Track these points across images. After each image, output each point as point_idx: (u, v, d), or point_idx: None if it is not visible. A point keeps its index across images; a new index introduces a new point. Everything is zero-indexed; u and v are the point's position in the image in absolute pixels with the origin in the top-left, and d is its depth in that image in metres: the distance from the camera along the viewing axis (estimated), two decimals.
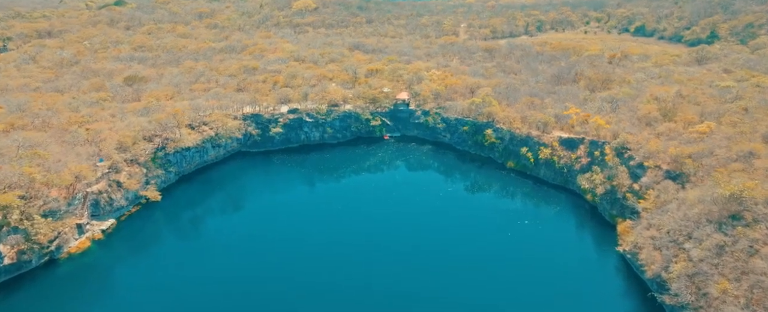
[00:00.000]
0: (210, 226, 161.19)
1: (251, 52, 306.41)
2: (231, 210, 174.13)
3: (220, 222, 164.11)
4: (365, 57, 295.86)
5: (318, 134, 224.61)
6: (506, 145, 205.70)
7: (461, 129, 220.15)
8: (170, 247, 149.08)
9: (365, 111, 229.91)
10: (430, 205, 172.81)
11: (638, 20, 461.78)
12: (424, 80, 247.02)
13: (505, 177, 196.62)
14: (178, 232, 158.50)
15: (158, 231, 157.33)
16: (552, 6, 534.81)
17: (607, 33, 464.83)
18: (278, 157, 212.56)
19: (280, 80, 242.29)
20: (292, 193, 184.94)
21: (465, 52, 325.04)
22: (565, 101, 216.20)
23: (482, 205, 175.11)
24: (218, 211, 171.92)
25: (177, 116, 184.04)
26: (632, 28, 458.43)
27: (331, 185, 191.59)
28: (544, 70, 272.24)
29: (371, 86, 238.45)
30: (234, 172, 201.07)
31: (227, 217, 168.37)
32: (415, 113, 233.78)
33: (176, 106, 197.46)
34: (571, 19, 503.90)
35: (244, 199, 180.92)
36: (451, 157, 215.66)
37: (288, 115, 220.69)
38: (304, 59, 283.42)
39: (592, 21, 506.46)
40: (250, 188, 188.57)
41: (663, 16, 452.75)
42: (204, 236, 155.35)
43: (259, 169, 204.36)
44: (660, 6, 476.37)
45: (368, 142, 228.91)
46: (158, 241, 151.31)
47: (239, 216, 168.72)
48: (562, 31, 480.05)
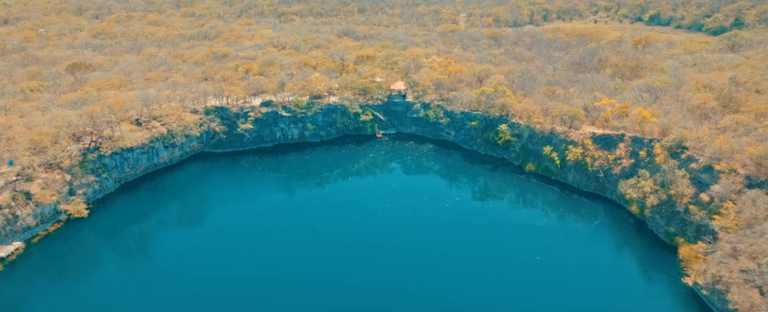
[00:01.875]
0: (160, 246, 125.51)
1: (226, 38, 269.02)
2: (187, 225, 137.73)
3: (174, 240, 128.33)
4: (355, 43, 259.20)
5: (296, 131, 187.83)
6: (524, 143, 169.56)
7: (468, 124, 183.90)
8: (102, 275, 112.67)
9: (354, 104, 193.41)
10: (432, 220, 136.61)
11: (652, 8, 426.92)
12: (423, 68, 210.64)
13: (523, 183, 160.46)
14: (115, 255, 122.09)
15: (86, 255, 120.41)
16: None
17: (618, 22, 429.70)
18: (248, 159, 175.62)
19: (254, 68, 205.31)
20: (264, 203, 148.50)
21: (468, 39, 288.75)
22: (593, 91, 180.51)
23: (498, 219, 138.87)
24: (171, 227, 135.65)
25: (115, 109, 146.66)
26: (646, 17, 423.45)
27: (311, 193, 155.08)
28: (561, 57, 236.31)
29: (361, 74, 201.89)
30: (193, 178, 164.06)
31: (182, 234, 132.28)
32: (413, 106, 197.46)
33: (119, 97, 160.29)
34: (578, 8, 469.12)
35: (204, 212, 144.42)
36: (457, 159, 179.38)
37: (260, 109, 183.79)
38: (284, 45, 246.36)
39: (600, 10, 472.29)
40: (212, 197, 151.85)
41: (679, 4, 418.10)
42: (152, 259, 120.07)
43: (225, 174, 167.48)
44: None
45: (357, 141, 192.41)
46: (85, 269, 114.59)
47: (198, 233, 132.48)
48: (569, 21, 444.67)
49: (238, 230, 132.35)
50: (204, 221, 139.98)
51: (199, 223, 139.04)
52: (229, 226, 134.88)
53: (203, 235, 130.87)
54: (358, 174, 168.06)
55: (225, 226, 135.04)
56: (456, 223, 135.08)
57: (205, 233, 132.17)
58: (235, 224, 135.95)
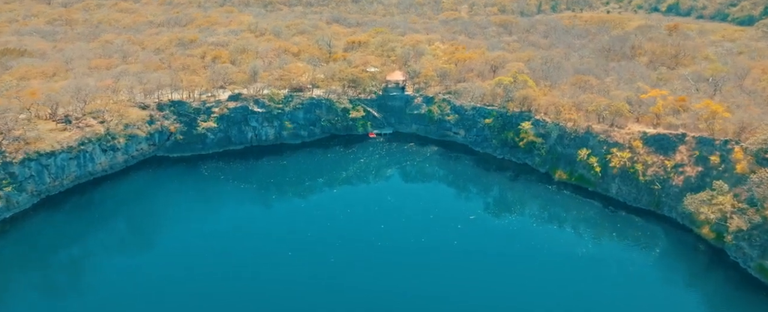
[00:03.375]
0: (93, 278, 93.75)
1: (199, 25, 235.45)
2: (130, 250, 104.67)
3: (112, 270, 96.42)
4: (346, 30, 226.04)
5: (272, 131, 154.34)
6: (552, 145, 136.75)
7: (481, 122, 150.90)
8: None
9: (342, 98, 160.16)
10: (440, 248, 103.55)
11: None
12: (425, 55, 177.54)
13: (554, 196, 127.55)
14: (31, 291, 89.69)
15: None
16: None
17: (632, 13, 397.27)
18: (211, 165, 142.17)
19: (223, 55, 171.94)
20: (227, 222, 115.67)
21: (474, 27, 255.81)
22: (631, 81, 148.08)
23: (527, 245, 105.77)
24: (110, 252, 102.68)
25: (27, 101, 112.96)
26: (663, 7, 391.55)
27: (287, 210, 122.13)
28: (585, 44, 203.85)
29: (351, 63, 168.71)
30: (140, 190, 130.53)
31: (123, 261, 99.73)
32: (413, 100, 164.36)
33: (45, 88, 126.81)
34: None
35: (152, 233, 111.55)
36: (468, 164, 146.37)
37: (227, 104, 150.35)
38: (263, 32, 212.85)
39: (612, 1, 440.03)
40: (163, 215, 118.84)
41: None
42: (82, 294, 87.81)
43: (181, 185, 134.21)
44: None
45: (346, 142, 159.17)
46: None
47: (143, 260, 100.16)
48: (580, 12, 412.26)
49: (195, 257, 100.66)
50: (152, 245, 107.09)
51: (146, 248, 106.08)
52: (182, 252, 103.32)
53: (150, 263, 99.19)
54: (345, 184, 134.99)
55: (177, 252, 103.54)
56: (472, 254, 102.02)
57: (153, 260, 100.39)
58: (190, 249, 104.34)
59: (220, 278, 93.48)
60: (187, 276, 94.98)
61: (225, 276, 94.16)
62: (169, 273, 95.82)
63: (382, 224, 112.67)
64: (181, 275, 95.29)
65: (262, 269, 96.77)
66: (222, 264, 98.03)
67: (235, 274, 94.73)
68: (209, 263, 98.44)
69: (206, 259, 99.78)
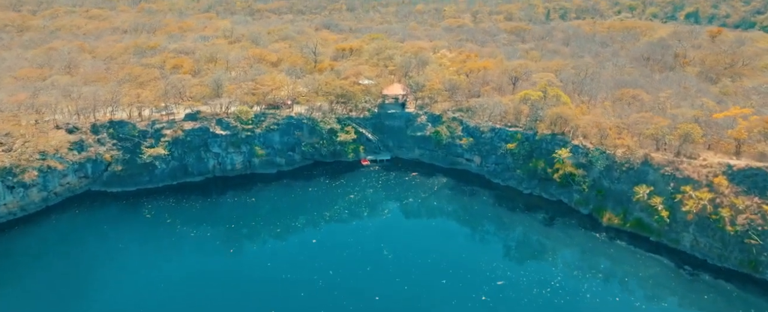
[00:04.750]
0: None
1: (169, 31, 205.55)
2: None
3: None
4: (337, 36, 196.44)
5: (239, 158, 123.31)
6: (597, 179, 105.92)
7: (502, 147, 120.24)
8: None
9: (328, 116, 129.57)
10: None
11: (689, 5, 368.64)
12: (429, 64, 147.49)
13: (604, 247, 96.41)
14: None
15: None
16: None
17: (648, 22, 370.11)
18: (158, 204, 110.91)
19: (186, 64, 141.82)
20: (179, 273, 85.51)
21: (482, 34, 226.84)
22: (687, 96, 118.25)
23: None
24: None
25: None
26: (681, 15, 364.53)
27: (249, 267, 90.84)
28: (615, 53, 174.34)
29: (340, 74, 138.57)
30: (64, 236, 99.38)
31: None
32: (416, 119, 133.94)
33: None
34: (599, 7, 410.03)
35: (80, 293, 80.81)
36: (486, 201, 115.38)
37: (183, 124, 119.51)
38: (240, 38, 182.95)
39: (624, 10, 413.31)
40: (89, 271, 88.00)
41: (721, 0, 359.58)
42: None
43: (121, 228, 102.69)
44: None
45: (333, 172, 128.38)
46: None
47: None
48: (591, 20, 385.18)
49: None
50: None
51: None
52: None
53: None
54: (330, 229, 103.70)
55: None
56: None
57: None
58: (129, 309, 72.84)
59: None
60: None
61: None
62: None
63: (377, 294, 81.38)
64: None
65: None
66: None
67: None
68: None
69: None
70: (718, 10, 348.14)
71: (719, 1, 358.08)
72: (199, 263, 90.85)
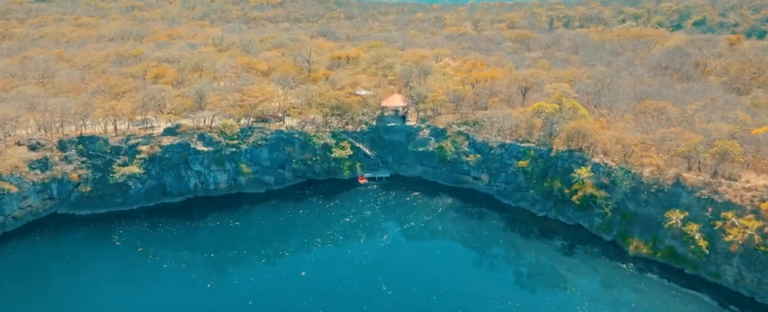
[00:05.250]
0: None
1: (156, 39, 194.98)
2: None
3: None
4: (333, 44, 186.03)
5: (223, 177, 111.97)
6: (621, 201, 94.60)
7: (513, 165, 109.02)
8: None
9: (322, 130, 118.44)
10: None
11: (696, 13, 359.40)
12: (432, 74, 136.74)
13: (634, 281, 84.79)
14: None
15: None
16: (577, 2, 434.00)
17: (658, 30, 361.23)
18: (131, 229, 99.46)
19: (168, 73, 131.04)
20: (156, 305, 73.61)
21: (485, 42, 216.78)
22: (715, 108, 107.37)
23: None
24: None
25: None
26: (688, 24, 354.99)
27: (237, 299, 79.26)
28: (629, 61, 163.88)
29: (335, 84, 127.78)
30: (23, 266, 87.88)
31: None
32: (417, 133, 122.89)
33: None
34: (603, 16, 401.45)
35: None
36: (497, 225, 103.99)
37: (161, 139, 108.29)
38: (230, 46, 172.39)
39: (628, 19, 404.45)
40: (60, 301, 76.41)
41: (729, 8, 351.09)
42: None
43: (84, 259, 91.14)
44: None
45: (327, 191, 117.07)
46: None
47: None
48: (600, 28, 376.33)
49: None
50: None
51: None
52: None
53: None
54: (321, 258, 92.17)
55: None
56: None
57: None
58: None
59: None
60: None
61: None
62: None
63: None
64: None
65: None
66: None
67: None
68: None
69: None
70: (727, 19, 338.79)
71: (727, 10, 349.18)
72: (170, 300, 79.31)
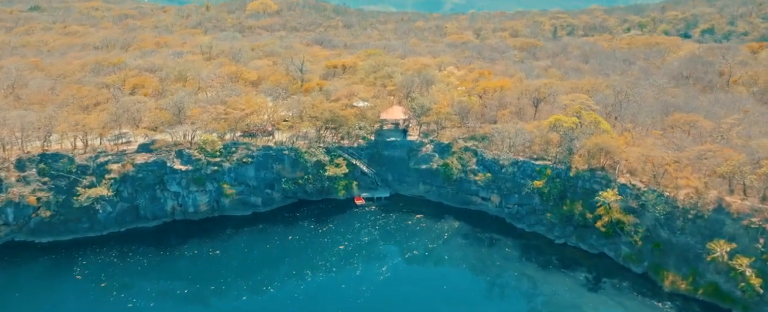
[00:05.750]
0: None
1: (142, 47, 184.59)
2: None
3: None
4: (329, 52, 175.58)
5: (205, 198, 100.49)
6: (653, 227, 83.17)
7: (527, 185, 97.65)
8: None
9: (314, 146, 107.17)
10: None
11: (703, 22, 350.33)
12: (435, 84, 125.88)
13: None
14: None
15: None
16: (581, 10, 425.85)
17: (671, 38, 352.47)
18: (97, 260, 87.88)
19: (149, 83, 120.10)
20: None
21: (490, 50, 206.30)
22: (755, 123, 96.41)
23: None
24: None
25: None
26: (696, 32, 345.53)
27: None
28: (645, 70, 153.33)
29: (330, 94, 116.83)
30: None
31: None
32: (420, 149, 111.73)
33: None
34: (607, 24, 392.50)
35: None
36: (510, 253, 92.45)
37: (135, 157, 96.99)
38: (219, 54, 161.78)
39: (634, 27, 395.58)
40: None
41: (737, 16, 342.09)
42: None
43: (39, 297, 79.55)
44: (728, 4, 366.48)
45: (320, 214, 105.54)
46: None
47: None
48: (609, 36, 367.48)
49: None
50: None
51: None
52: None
53: None
54: (312, 294, 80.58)
55: None
56: None
57: None
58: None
59: None
60: None
61: None
62: None
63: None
64: None
65: None
66: None
67: None
68: None
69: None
70: (736, 27, 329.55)
71: (735, 18, 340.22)
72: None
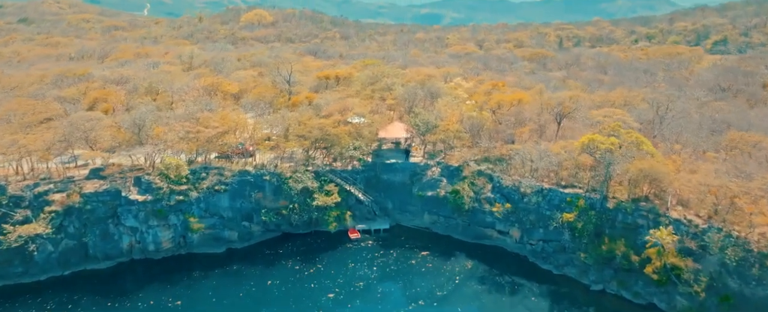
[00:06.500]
0: None
1: (119, 57, 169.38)
2: None
3: None
4: (322, 63, 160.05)
5: (167, 234, 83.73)
6: (718, 275, 66.44)
7: (555, 218, 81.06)
8: None
9: (301, 170, 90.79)
10: None
11: (715, 33, 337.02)
12: (441, 97, 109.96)
13: None
14: None
15: None
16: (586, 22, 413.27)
17: (692, 47, 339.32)
18: (34, 311, 71.08)
19: (112, 97, 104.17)
20: None
21: (497, 61, 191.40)
22: None
23: None
24: None
25: None
26: (708, 44, 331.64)
27: None
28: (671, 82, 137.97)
29: (320, 109, 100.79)
30: None
31: None
32: (425, 173, 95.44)
33: None
34: (614, 36, 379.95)
35: None
36: (535, 303, 75.65)
37: (82, 185, 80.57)
38: (202, 64, 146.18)
39: (641, 39, 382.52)
40: None
41: (751, 27, 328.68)
42: None
43: None
44: (740, 15, 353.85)
45: (307, 250, 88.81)
46: None
47: None
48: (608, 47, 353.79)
49: None
50: None
51: None
52: None
53: None
54: None
55: None
56: None
57: None
58: None
59: None
60: None
61: None
62: None
63: None
64: None
65: None
66: None
67: None
68: None
69: None
70: (750, 38, 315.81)
71: (749, 29, 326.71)
72: None
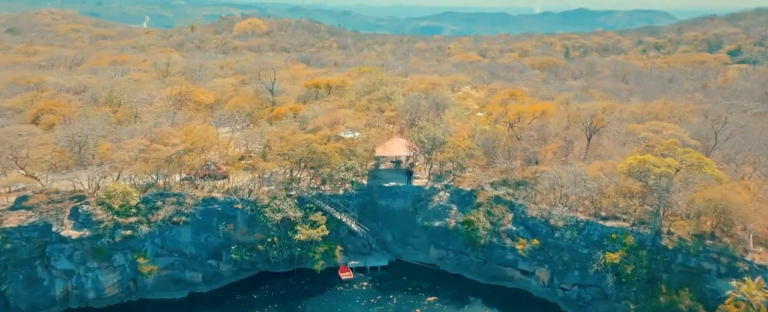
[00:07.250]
0: None
1: (94, 64, 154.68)
2: None
3: None
4: (314, 71, 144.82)
5: (113, 278, 67.44)
6: None
7: (595, 259, 64.92)
8: None
9: (280, 196, 74.75)
10: None
11: (728, 43, 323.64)
12: (449, 108, 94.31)
13: None
14: None
15: None
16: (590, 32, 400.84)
17: (716, 55, 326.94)
18: None
19: (63, 109, 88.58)
20: None
21: (505, 70, 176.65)
22: None
23: None
24: None
25: None
26: (722, 54, 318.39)
27: None
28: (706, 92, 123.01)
29: (306, 122, 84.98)
30: None
31: None
32: (430, 198, 79.39)
33: None
34: (621, 46, 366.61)
35: None
36: None
37: (6, 217, 64.45)
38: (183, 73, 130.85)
39: (649, 49, 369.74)
40: None
41: (766, 36, 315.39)
42: None
43: None
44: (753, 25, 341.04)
45: (288, 293, 72.45)
46: None
47: None
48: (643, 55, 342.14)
49: None
50: None
51: None
52: None
53: None
54: None
55: None
56: None
57: None
58: None
59: None
60: None
61: None
62: None
63: None
64: None
65: None
66: None
67: None
68: None
69: None
70: (765, 48, 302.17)
71: (764, 38, 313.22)
72: None
